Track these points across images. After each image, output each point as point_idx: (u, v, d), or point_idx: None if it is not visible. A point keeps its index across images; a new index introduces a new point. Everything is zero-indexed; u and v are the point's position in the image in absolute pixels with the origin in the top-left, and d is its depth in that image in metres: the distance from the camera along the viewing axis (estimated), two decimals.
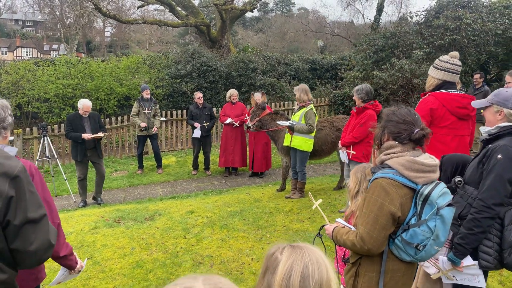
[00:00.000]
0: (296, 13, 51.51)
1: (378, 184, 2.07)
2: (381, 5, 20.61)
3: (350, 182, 2.82)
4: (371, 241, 2.03)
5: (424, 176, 2.04)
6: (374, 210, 2.04)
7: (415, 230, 2.02)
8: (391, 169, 2.09)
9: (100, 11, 13.67)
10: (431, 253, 2.06)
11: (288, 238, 4.81)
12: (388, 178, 2.06)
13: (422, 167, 2.04)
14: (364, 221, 2.09)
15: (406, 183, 2.04)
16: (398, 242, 2.07)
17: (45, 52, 47.57)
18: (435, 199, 1.99)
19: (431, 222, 2.00)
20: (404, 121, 2.13)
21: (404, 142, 2.12)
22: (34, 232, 1.68)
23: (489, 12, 10.69)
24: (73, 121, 7.01)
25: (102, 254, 4.67)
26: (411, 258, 2.06)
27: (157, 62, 14.05)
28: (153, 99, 9.24)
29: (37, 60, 14.67)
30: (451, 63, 3.38)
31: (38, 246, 1.69)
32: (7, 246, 1.65)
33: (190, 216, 5.76)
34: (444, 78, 3.38)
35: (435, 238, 2.01)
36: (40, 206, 1.74)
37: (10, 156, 1.74)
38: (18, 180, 1.65)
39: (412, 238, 2.03)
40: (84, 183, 7.35)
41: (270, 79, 14.47)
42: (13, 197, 1.61)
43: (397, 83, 10.64)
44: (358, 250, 2.12)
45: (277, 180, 8.31)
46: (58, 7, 32.14)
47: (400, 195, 2.03)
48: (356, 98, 5.41)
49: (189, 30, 32.59)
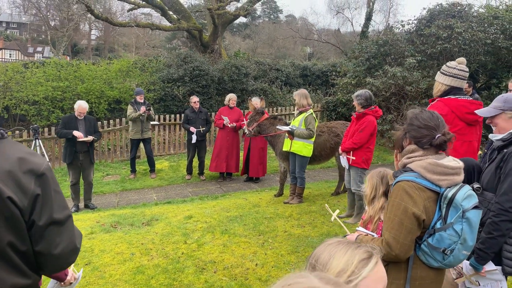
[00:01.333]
0: (284, 19, 51.91)
1: (401, 188, 2.04)
2: (370, 14, 20.91)
3: (366, 187, 2.79)
4: (397, 246, 1.99)
5: (447, 178, 2.01)
6: (398, 214, 2.01)
7: (441, 234, 1.98)
8: (414, 172, 2.06)
9: (92, 13, 13.48)
10: (460, 258, 2.01)
11: (291, 244, 4.77)
12: (410, 181, 2.03)
13: (445, 169, 2.01)
14: (389, 226, 2.05)
15: (429, 186, 2.01)
16: (425, 247, 2.03)
17: (29, 54, 46.77)
18: (460, 202, 1.96)
19: (457, 225, 1.96)
20: (426, 126, 2.11)
21: (425, 147, 2.10)
22: (59, 235, 1.59)
23: (479, 22, 10.89)
24: (67, 122, 6.90)
25: (100, 259, 4.56)
26: (439, 264, 2.02)
27: (149, 66, 13.93)
28: (147, 102, 9.14)
29: (26, 62, 14.39)
30: (459, 69, 3.40)
31: (63, 249, 1.60)
32: (32, 249, 1.57)
33: (189, 221, 5.68)
34: (451, 84, 3.40)
35: (463, 242, 1.97)
36: (65, 207, 1.65)
37: (35, 153, 1.65)
38: (44, 177, 1.55)
39: (438, 243, 1.99)
40: (76, 187, 7.21)
41: (262, 84, 14.48)
42: (39, 196, 1.52)
43: (389, 90, 10.75)
44: (385, 257, 2.06)
45: (273, 185, 8.28)
46: (44, 9, 31.69)
47: (423, 198, 2.00)
48: (356, 104, 5.43)
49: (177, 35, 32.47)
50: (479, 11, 12.05)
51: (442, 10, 11.91)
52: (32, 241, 1.53)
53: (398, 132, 2.26)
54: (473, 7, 12.27)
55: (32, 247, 1.53)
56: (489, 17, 11.02)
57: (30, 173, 1.51)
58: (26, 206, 1.48)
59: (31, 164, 1.53)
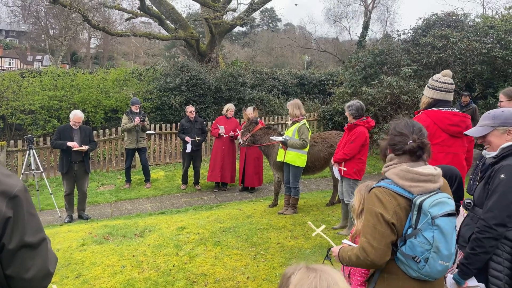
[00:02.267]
0: (282, 28, 52.16)
1: (373, 194, 2.09)
2: (367, 23, 21.03)
3: (355, 201, 2.79)
4: (372, 251, 1.99)
5: (418, 185, 2.02)
6: (371, 219, 2.03)
7: (412, 242, 1.98)
8: (388, 180, 2.10)
9: (89, 23, 13.51)
10: (437, 268, 1.97)
11: (283, 256, 4.73)
12: (382, 187, 2.07)
13: (417, 176, 2.02)
14: (364, 231, 2.08)
15: (401, 192, 2.02)
16: (400, 256, 2.03)
17: (28, 62, 46.92)
18: (427, 208, 1.95)
19: (427, 232, 1.95)
20: (400, 133, 2.15)
21: (397, 153, 2.14)
22: (32, 258, 1.55)
23: (474, 32, 10.94)
24: (62, 131, 6.90)
25: (91, 272, 4.51)
26: (416, 273, 2.00)
27: (146, 75, 13.94)
28: (142, 112, 9.13)
29: (23, 71, 14.40)
30: (441, 81, 3.43)
31: (35, 273, 1.55)
32: (2, 272, 1.53)
33: (182, 233, 5.63)
34: (435, 97, 3.44)
35: (436, 251, 1.95)
36: (39, 229, 1.61)
37: (10, 174, 1.62)
38: (17, 200, 1.52)
39: (410, 250, 1.99)
40: (70, 198, 7.18)
41: (259, 93, 14.49)
42: (10, 218, 1.48)
43: (385, 99, 10.76)
44: (362, 263, 2.07)
45: (268, 195, 8.24)
46: (43, 18, 31.79)
47: (394, 204, 2.01)
48: (348, 114, 5.43)
49: (175, 44, 32.60)
50: (475, 21, 12.11)
51: (437, 20, 11.97)
52: (2, 265, 1.49)
53: (383, 142, 2.31)
54: (469, 16, 12.33)
55: (2, 271, 1.50)
56: (484, 26, 11.06)
57: (2, 195, 1.48)
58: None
59: (3, 186, 1.50)
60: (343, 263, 2.26)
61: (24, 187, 1.60)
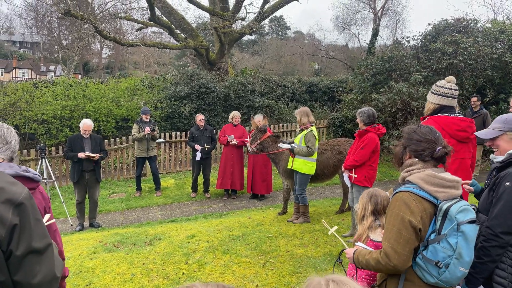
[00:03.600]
0: (292, 36, 52.29)
1: (399, 198, 2.07)
2: (377, 30, 20.99)
3: (358, 206, 2.84)
4: (395, 256, 1.98)
5: (444, 191, 2.02)
6: (396, 224, 2.02)
7: (435, 247, 1.97)
8: (412, 184, 2.08)
9: (100, 34, 13.74)
10: (457, 275, 1.96)
11: (293, 264, 4.71)
12: (408, 191, 2.06)
13: (443, 181, 2.03)
14: (387, 236, 2.06)
15: (427, 197, 2.02)
16: (420, 261, 2.02)
17: (41, 73, 47.78)
18: (454, 214, 1.95)
19: (451, 238, 1.95)
20: (426, 140, 2.14)
21: (426, 159, 2.13)
22: (38, 264, 1.58)
23: (485, 37, 10.85)
24: (73, 141, 6.99)
25: (101, 280, 4.54)
26: (435, 279, 1.98)
27: (156, 84, 14.09)
28: (152, 121, 9.21)
29: (36, 81, 14.65)
30: (447, 87, 3.41)
31: (41, 279, 1.58)
32: (10, 278, 1.55)
33: (191, 241, 5.64)
34: (440, 103, 3.42)
35: (458, 257, 1.94)
36: (45, 235, 1.64)
37: (15, 181, 1.66)
38: (22, 207, 1.55)
39: (432, 255, 1.97)
40: (82, 206, 7.25)
41: (268, 101, 14.53)
42: (16, 226, 1.51)
43: (395, 106, 10.71)
44: (383, 268, 2.06)
45: (278, 203, 8.23)
46: (56, 29, 32.36)
47: (421, 209, 2.01)
48: (359, 120, 5.40)
49: (186, 53, 32.87)
50: (485, 26, 12.02)
51: (447, 26, 11.91)
52: (10, 271, 1.51)
53: (397, 147, 2.30)
54: (479, 22, 12.24)
55: (10, 277, 1.52)
56: (495, 32, 10.98)
57: (8, 203, 1.51)
58: (4, 236, 1.48)
59: (9, 194, 1.53)
60: (358, 266, 2.26)
61: (29, 194, 1.63)
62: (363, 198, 2.84)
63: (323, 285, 1.13)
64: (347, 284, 1.12)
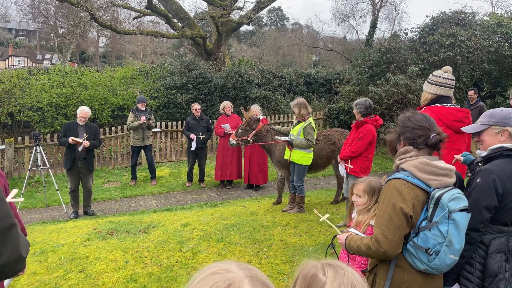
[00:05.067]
0: (290, 27, 52.05)
1: (391, 185, 2.08)
2: (375, 22, 20.90)
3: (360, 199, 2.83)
4: (386, 242, 2.00)
5: (437, 179, 2.03)
6: (388, 210, 2.03)
7: (425, 234, 1.99)
8: (406, 172, 2.09)
9: (96, 21, 13.60)
10: (446, 262, 1.98)
11: (286, 253, 4.72)
12: (401, 178, 2.07)
13: (436, 169, 2.04)
14: (378, 222, 2.07)
15: (419, 184, 2.03)
16: (410, 248, 2.03)
17: (37, 61, 47.34)
18: (446, 202, 1.96)
19: (442, 226, 1.96)
20: (420, 127, 2.15)
21: (420, 147, 2.14)
22: (3, 244, 1.53)
23: (483, 30, 10.83)
24: (68, 128, 6.95)
25: (95, 267, 4.54)
26: (424, 266, 2.00)
27: (152, 73, 14.00)
28: (148, 109, 9.16)
29: (31, 68, 14.53)
30: (444, 77, 3.39)
31: (7, 258, 1.54)
32: None
33: (185, 229, 5.65)
34: (438, 93, 3.39)
35: (449, 245, 1.95)
36: (8, 215, 1.57)
37: None
38: None
39: (423, 242, 1.99)
40: (75, 194, 7.23)
41: (265, 92, 14.49)
42: None
43: (392, 98, 10.70)
44: (373, 254, 2.07)
45: (273, 193, 8.24)
46: (52, 17, 32.06)
47: (413, 196, 2.02)
48: (356, 112, 5.39)
49: (183, 42, 32.69)
50: (483, 19, 11.99)
51: (445, 18, 11.87)
52: None
53: (391, 135, 2.30)
54: (477, 15, 12.22)
55: None
56: (493, 25, 10.95)
57: None
58: None
59: None
60: (350, 251, 2.27)
61: None
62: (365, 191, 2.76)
63: (319, 269, 1.12)
64: (344, 269, 1.11)
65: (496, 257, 2.23)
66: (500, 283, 2.21)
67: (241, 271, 0.96)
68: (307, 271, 1.13)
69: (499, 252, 2.25)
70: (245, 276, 0.94)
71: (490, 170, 2.27)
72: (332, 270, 1.10)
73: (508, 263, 2.27)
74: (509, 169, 2.28)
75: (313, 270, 1.12)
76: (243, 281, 0.93)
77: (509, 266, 2.27)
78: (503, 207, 2.26)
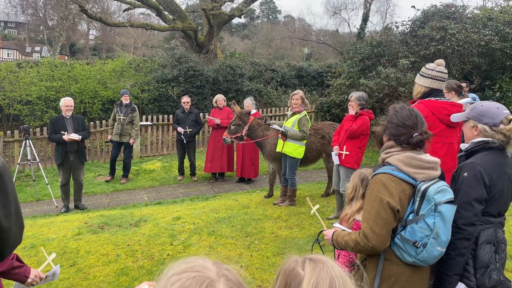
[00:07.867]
0: (282, 20, 51.89)
1: (378, 180, 2.09)
2: (367, 15, 20.91)
3: (349, 186, 2.85)
4: (374, 237, 2.02)
5: (423, 172, 2.05)
6: (375, 205, 2.05)
7: (412, 227, 2.01)
8: (391, 166, 2.10)
9: (86, 13, 13.45)
10: (434, 254, 2.01)
11: (277, 246, 4.75)
12: (387, 173, 2.08)
13: (421, 163, 2.06)
14: (366, 217, 2.08)
15: (405, 178, 2.05)
16: (398, 241, 2.05)
17: (27, 54, 46.73)
18: (432, 195, 1.98)
19: (429, 218, 1.98)
20: (404, 124, 2.14)
21: (403, 145, 2.14)
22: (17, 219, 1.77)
23: (473, 24, 10.88)
24: (56, 122, 6.88)
25: (85, 261, 4.53)
26: (412, 259, 2.03)
27: (143, 66, 13.90)
28: (132, 105, 8.86)
29: (20, 61, 14.35)
30: (438, 70, 3.37)
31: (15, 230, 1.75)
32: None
33: (177, 223, 5.65)
34: (431, 86, 3.36)
35: (436, 237, 1.98)
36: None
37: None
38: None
39: (410, 235, 2.01)
40: (66, 188, 7.18)
41: (257, 85, 14.47)
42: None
43: (383, 91, 10.74)
44: (362, 249, 2.09)
45: (264, 186, 8.26)
46: (41, 9, 31.60)
47: (399, 190, 2.03)
48: (355, 104, 5.42)
49: (175, 35, 32.46)
50: (474, 13, 12.04)
51: (436, 11, 11.91)
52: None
53: (379, 128, 2.31)
54: (468, 8, 12.26)
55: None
56: (483, 18, 11.00)
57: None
58: None
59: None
60: (337, 247, 2.28)
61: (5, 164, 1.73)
62: (354, 179, 2.83)
63: (299, 263, 1.13)
64: (324, 263, 1.11)
65: (486, 248, 2.24)
66: (492, 273, 2.23)
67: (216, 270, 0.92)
68: (288, 266, 1.14)
69: (488, 243, 2.26)
70: (220, 275, 0.91)
71: (475, 163, 2.28)
72: (312, 265, 1.10)
73: (497, 254, 2.28)
74: (492, 161, 2.29)
75: (293, 265, 1.13)
76: (218, 281, 0.89)
77: (499, 257, 2.29)
78: (490, 199, 2.27)
